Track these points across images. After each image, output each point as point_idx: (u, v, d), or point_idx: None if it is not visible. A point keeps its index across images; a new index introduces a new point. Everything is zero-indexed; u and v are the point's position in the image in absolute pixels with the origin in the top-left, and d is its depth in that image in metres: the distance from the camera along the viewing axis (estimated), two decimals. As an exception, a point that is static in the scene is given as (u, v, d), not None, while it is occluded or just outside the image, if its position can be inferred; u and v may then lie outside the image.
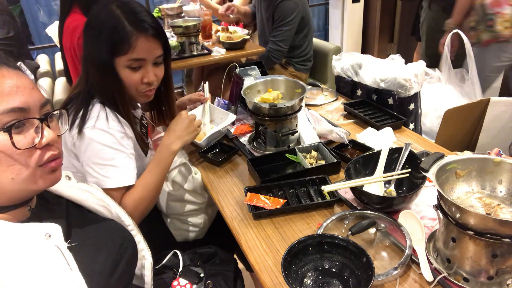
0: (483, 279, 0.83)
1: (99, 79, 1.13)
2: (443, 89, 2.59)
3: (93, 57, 1.12)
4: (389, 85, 1.70)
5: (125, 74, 1.14)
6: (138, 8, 1.14)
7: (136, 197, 1.13)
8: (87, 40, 1.14)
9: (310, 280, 0.90)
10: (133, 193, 1.14)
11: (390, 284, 0.90)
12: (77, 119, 1.11)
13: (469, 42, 2.48)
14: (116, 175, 1.11)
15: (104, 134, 1.10)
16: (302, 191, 1.24)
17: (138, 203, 1.13)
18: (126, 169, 1.13)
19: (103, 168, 1.10)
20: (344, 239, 0.92)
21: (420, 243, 0.96)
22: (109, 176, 1.10)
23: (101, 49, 1.10)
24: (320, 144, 1.40)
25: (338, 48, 2.74)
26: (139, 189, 1.15)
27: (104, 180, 1.10)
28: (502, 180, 0.92)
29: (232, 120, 1.54)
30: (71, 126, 1.11)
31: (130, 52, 1.11)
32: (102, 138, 1.10)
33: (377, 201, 1.10)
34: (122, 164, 1.12)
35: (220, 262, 1.22)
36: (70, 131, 1.11)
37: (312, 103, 1.85)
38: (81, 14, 1.94)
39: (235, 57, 2.61)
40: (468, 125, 1.94)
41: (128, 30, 1.09)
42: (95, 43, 1.11)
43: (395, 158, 1.20)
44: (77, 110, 1.13)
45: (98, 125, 1.10)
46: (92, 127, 1.09)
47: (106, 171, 1.10)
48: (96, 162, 1.10)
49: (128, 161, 1.14)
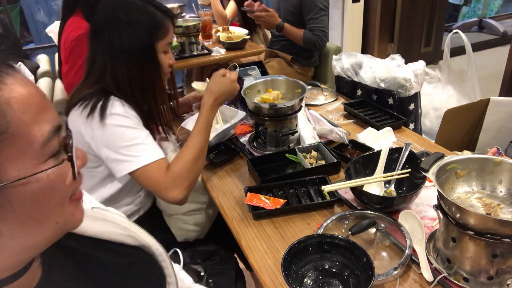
0: (483, 279, 0.83)
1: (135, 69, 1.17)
2: (443, 89, 2.60)
3: (133, 47, 1.15)
4: (389, 85, 1.70)
5: (162, 58, 1.22)
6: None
7: (188, 159, 1.16)
8: (118, 34, 1.15)
9: (310, 280, 0.90)
10: (183, 156, 1.16)
11: (390, 284, 0.90)
12: (96, 110, 1.12)
13: (469, 42, 2.48)
14: (146, 152, 1.12)
15: (122, 118, 1.13)
16: (302, 191, 1.24)
17: (191, 165, 1.15)
18: (153, 145, 1.15)
19: (130, 148, 1.11)
20: (344, 239, 0.92)
21: (420, 243, 0.96)
22: (139, 155, 1.11)
23: (143, 37, 1.15)
24: (320, 144, 1.40)
25: (338, 48, 2.74)
26: (189, 151, 1.17)
27: (135, 160, 1.10)
28: (502, 180, 0.92)
29: (241, 117, 1.55)
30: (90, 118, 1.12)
31: (167, 37, 1.20)
32: (121, 121, 1.12)
33: (377, 201, 1.10)
34: (148, 141, 1.14)
35: (220, 261, 1.22)
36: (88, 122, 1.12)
37: (312, 103, 1.85)
38: (82, 18, 1.94)
39: (235, 57, 2.61)
40: (468, 125, 1.94)
41: (160, 16, 1.18)
42: (132, 33, 1.15)
43: (395, 158, 1.20)
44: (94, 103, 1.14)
45: (114, 111, 1.13)
46: (110, 114, 1.12)
47: (135, 150, 1.11)
48: (122, 146, 1.11)
49: (151, 139, 1.16)
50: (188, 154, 1.17)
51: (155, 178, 1.11)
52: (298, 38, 2.57)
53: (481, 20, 5.54)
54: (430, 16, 4.43)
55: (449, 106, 1.90)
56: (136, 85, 1.18)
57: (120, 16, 1.15)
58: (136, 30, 1.15)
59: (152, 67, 1.20)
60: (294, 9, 2.57)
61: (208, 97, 1.26)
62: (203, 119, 1.24)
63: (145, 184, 1.14)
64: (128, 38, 1.15)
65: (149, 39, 1.17)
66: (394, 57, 1.80)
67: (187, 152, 1.17)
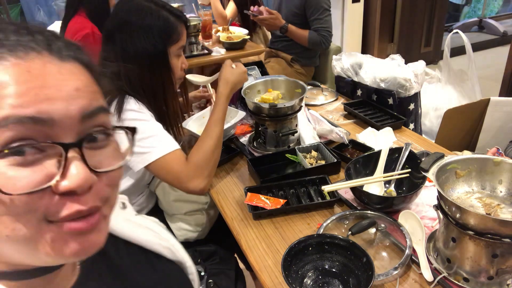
0: (483, 279, 0.83)
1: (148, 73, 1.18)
2: (443, 89, 2.60)
3: (145, 52, 1.16)
4: (389, 85, 1.70)
5: (174, 62, 1.23)
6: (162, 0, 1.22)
7: (207, 148, 1.17)
8: (131, 38, 1.15)
9: (310, 280, 0.90)
10: (203, 146, 1.17)
11: (390, 284, 0.90)
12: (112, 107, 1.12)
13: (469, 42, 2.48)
14: (162, 143, 1.12)
15: (136, 113, 1.14)
16: (302, 191, 1.24)
17: (210, 154, 1.17)
18: (168, 137, 1.16)
19: (145, 140, 1.11)
20: (344, 239, 0.92)
21: (420, 243, 0.96)
22: (155, 146, 1.11)
23: (155, 41, 1.16)
24: (320, 144, 1.40)
25: (338, 48, 2.74)
26: (208, 141, 1.18)
27: (151, 151, 1.10)
28: (502, 180, 0.92)
29: (241, 117, 1.55)
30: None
31: (180, 41, 1.21)
32: (135, 115, 1.13)
33: (377, 201, 1.10)
34: (162, 133, 1.15)
35: (220, 261, 1.22)
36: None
37: (312, 103, 1.85)
38: (85, 17, 1.93)
39: (235, 57, 2.61)
40: (468, 125, 1.94)
41: (173, 20, 1.18)
42: (145, 38, 1.15)
43: (395, 158, 1.20)
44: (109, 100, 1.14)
45: (129, 107, 1.13)
46: (125, 110, 1.13)
47: (150, 142, 1.11)
48: (139, 138, 1.11)
49: (162, 130, 1.17)
50: (207, 144, 1.18)
51: (176, 169, 1.12)
52: (303, 39, 2.57)
53: (481, 20, 5.54)
54: (430, 16, 4.43)
55: (449, 106, 1.90)
56: (147, 88, 1.20)
57: (133, 21, 1.16)
58: (149, 35, 1.15)
59: (164, 72, 1.21)
60: (298, 11, 2.57)
61: (224, 87, 1.28)
62: (221, 108, 1.25)
63: (165, 175, 1.14)
64: (140, 43, 1.15)
65: (162, 44, 1.17)
66: (394, 57, 1.79)
67: (206, 142, 1.19)
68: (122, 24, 1.17)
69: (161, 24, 1.16)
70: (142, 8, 1.16)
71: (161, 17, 1.17)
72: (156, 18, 1.16)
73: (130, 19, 1.16)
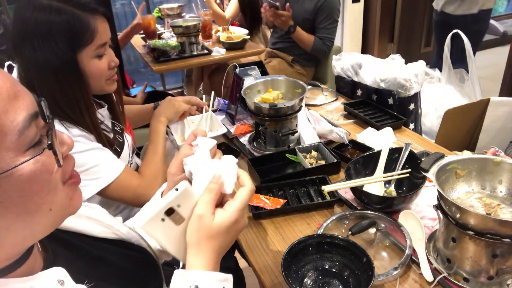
0: (483, 279, 0.83)
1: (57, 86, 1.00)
2: (443, 89, 2.60)
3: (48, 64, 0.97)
4: (389, 85, 1.70)
5: (93, 65, 1.04)
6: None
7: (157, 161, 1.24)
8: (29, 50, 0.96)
9: (310, 280, 0.90)
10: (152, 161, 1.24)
11: (390, 284, 0.90)
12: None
13: (469, 42, 2.48)
14: (105, 170, 1.08)
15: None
16: (302, 191, 1.24)
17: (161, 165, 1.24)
18: (108, 161, 1.10)
19: (88, 172, 1.05)
20: (344, 239, 0.92)
21: (420, 243, 0.96)
22: (99, 176, 1.07)
23: (58, 50, 0.97)
24: (320, 144, 1.40)
25: (338, 48, 2.74)
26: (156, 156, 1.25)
27: (97, 183, 1.06)
28: (502, 180, 0.92)
29: (222, 133, 1.46)
30: None
31: (95, 40, 1.01)
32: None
33: (377, 201, 1.10)
34: (102, 159, 1.08)
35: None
36: None
37: (312, 103, 1.85)
38: None
39: (235, 57, 2.61)
40: (468, 125, 1.94)
41: (83, 16, 0.98)
42: (46, 48, 0.96)
43: (395, 158, 1.20)
44: None
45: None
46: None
47: (92, 173, 1.06)
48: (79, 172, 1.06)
49: (104, 153, 1.10)
50: (156, 158, 1.25)
51: (134, 184, 1.13)
52: (308, 43, 2.61)
53: (481, 20, 5.53)
54: (430, 16, 4.43)
55: (449, 106, 1.89)
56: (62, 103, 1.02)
57: (31, 29, 0.96)
58: (50, 42, 0.96)
59: (75, 82, 1.02)
60: (310, 16, 2.60)
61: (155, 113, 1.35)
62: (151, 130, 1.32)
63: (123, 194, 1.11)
64: (42, 54, 0.96)
65: (67, 51, 0.98)
66: (394, 57, 1.79)
67: (155, 157, 1.25)
68: (21, 34, 0.97)
69: (63, 26, 0.96)
70: (40, 9, 0.95)
71: (63, 16, 0.96)
72: (57, 18, 0.95)
73: (28, 28, 0.96)
